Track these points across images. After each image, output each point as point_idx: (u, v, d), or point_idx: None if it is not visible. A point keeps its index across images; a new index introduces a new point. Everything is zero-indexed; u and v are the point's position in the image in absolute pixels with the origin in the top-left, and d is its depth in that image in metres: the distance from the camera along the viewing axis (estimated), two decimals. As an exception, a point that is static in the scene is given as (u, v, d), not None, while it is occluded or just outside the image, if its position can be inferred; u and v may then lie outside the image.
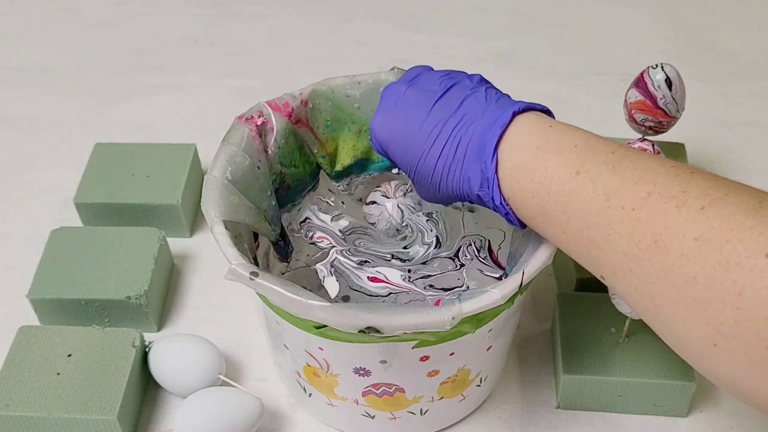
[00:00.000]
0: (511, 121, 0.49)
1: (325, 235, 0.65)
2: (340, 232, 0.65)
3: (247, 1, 1.03)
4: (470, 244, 0.65)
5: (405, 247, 0.65)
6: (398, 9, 1.02)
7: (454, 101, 0.52)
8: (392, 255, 0.65)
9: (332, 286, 0.61)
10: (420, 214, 0.66)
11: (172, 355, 0.62)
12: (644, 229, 0.41)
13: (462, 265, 0.64)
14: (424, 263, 0.64)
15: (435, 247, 0.65)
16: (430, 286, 0.62)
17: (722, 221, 0.39)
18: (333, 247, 0.64)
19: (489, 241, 0.65)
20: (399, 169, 0.58)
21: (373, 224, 0.66)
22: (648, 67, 0.61)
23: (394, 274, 0.63)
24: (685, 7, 1.01)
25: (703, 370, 0.41)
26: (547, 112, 0.51)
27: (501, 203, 0.49)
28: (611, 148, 0.46)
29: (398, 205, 0.66)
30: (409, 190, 0.67)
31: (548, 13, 1.01)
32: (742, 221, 0.38)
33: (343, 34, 0.99)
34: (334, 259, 0.63)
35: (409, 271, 0.64)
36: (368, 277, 0.63)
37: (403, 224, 0.66)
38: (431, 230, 0.66)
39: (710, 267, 0.38)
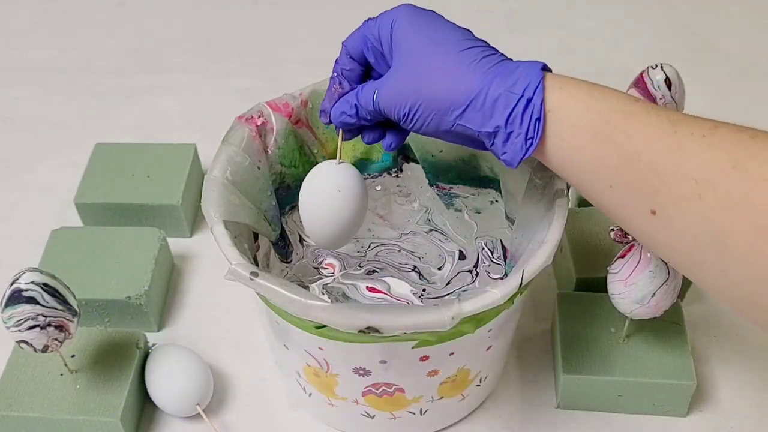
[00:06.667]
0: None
1: (335, 262, 0.66)
2: (358, 251, 0.66)
3: (247, 1, 1.03)
4: (483, 248, 0.66)
5: (439, 268, 0.66)
6: (398, 9, 1.02)
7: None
8: (414, 267, 0.66)
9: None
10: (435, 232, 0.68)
11: (159, 373, 0.61)
12: (719, 153, 0.39)
13: (477, 274, 0.65)
14: (448, 283, 0.65)
15: (459, 259, 0.66)
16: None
17: None
18: (333, 276, 0.65)
19: (501, 240, 0.65)
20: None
21: None
22: (647, 67, 0.61)
23: (402, 286, 0.64)
24: (684, 8, 1.01)
25: None
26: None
27: (540, 113, 0.44)
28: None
29: None
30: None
31: (548, 13, 1.01)
32: None
33: (344, 34, 0.99)
34: (327, 283, 0.64)
35: (424, 290, 0.65)
36: (367, 287, 0.63)
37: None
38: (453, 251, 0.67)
39: None
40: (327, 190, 0.55)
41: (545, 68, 0.47)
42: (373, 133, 0.53)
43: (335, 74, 0.53)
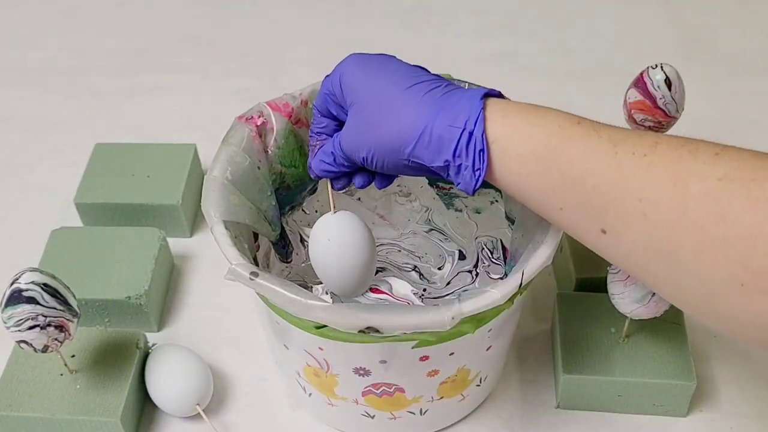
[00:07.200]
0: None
1: None
2: None
3: (247, 1, 1.03)
4: (483, 248, 0.66)
5: (439, 268, 0.66)
6: (398, 9, 1.02)
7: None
8: (414, 267, 0.66)
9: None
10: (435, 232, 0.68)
11: (159, 373, 0.61)
12: (660, 172, 0.40)
13: (477, 274, 0.65)
14: (448, 283, 0.65)
15: (459, 259, 0.66)
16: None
17: (741, 164, 0.39)
18: None
19: (501, 240, 0.65)
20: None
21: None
22: (647, 67, 0.61)
23: (402, 286, 0.64)
24: (684, 7, 1.01)
25: (726, 315, 0.40)
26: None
27: (483, 144, 0.45)
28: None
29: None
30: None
31: (548, 13, 1.01)
32: (760, 163, 0.38)
33: (343, 34, 0.99)
34: None
35: (425, 290, 0.65)
36: (369, 288, 0.63)
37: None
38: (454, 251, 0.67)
39: (738, 204, 0.38)
40: (322, 241, 0.56)
41: (491, 93, 0.47)
42: (361, 178, 0.54)
43: (312, 134, 0.54)
